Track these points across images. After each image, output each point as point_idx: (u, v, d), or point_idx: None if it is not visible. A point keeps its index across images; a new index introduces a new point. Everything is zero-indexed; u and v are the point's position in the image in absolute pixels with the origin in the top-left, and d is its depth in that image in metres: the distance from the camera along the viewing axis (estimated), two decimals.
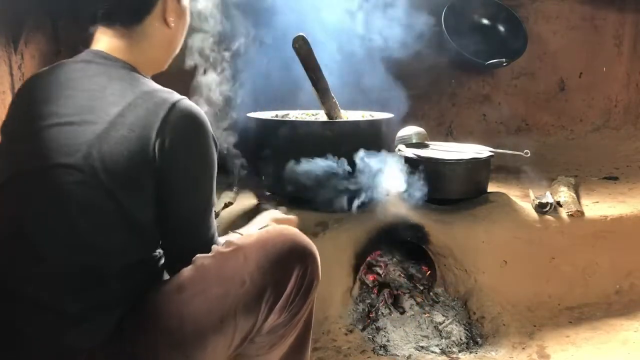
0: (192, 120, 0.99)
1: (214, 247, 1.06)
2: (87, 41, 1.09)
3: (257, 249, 1.04)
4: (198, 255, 1.04)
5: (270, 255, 1.03)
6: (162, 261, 1.09)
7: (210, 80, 1.89)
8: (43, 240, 0.95)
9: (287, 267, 1.05)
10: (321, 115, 2.11)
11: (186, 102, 1.00)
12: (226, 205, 2.01)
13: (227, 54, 1.86)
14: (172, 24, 1.10)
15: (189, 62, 1.73)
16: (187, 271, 1.03)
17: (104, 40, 1.06)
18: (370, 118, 2.12)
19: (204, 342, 0.99)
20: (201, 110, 1.02)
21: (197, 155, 1.01)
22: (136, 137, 0.94)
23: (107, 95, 0.97)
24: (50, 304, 0.95)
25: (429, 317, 1.85)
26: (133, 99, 0.97)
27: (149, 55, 1.09)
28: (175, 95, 1.00)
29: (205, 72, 1.85)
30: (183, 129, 0.97)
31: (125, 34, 1.06)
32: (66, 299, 0.95)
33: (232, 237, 1.12)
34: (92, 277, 0.96)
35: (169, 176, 0.97)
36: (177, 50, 1.19)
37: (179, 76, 1.55)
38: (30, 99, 1.04)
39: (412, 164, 2.08)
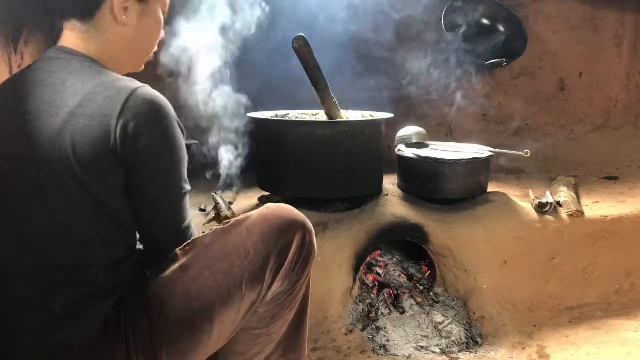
0: (152, 106, 0.97)
1: (215, 228, 1.09)
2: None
3: (260, 221, 1.09)
4: (196, 237, 1.06)
5: (273, 226, 1.09)
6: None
7: (211, 80, 1.89)
8: (24, 237, 0.95)
9: (288, 235, 1.10)
10: (321, 115, 2.11)
11: (147, 89, 0.99)
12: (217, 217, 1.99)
13: (228, 54, 1.86)
14: (125, 21, 1.07)
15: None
16: (187, 252, 1.05)
17: (67, 35, 1.08)
18: (370, 118, 2.12)
19: (212, 316, 1.02)
20: (162, 97, 1.00)
21: (160, 140, 0.98)
22: (97, 125, 0.93)
23: (66, 87, 0.98)
24: (38, 300, 0.95)
25: (429, 317, 1.85)
26: (92, 88, 0.97)
27: (108, 50, 1.08)
28: (136, 83, 0.99)
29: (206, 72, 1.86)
30: (144, 115, 0.95)
31: (81, 28, 1.07)
32: (52, 295, 0.95)
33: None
34: (77, 271, 0.96)
35: (134, 163, 0.96)
36: (146, 51, 1.16)
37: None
38: (5, 103, 1.04)
39: (412, 164, 2.08)
